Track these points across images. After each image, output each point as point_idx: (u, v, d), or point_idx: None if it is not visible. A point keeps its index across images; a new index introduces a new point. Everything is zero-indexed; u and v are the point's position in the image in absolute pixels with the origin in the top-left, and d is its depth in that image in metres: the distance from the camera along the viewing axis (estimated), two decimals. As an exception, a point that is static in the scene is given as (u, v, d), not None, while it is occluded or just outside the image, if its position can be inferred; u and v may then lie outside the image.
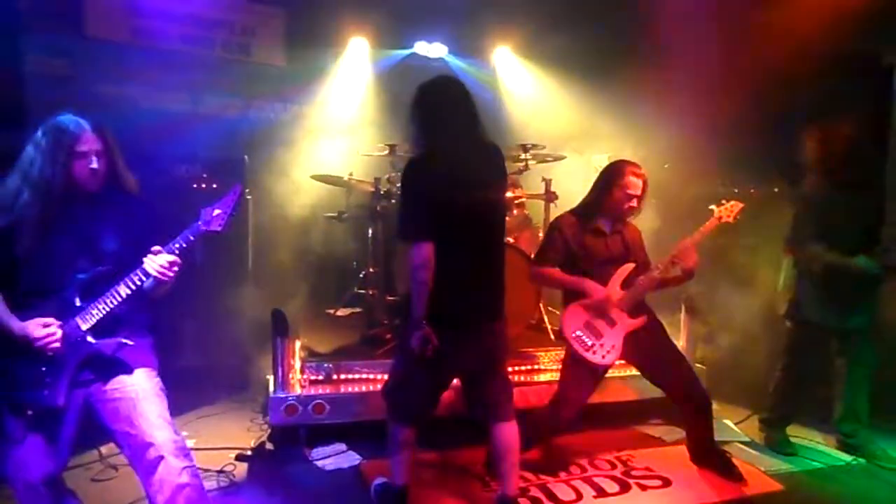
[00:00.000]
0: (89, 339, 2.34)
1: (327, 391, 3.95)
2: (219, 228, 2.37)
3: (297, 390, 3.92)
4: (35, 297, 2.35)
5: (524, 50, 7.10)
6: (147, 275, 2.32)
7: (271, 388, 3.92)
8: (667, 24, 5.43)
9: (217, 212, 2.38)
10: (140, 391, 2.42)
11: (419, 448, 3.14)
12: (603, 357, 3.33)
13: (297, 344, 4.28)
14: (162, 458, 2.34)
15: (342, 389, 4.00)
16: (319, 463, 3.73)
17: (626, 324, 3.35)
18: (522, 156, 5.25)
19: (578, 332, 3.35)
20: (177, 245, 2.35)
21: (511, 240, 4.90)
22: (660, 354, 3.51)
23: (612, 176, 3.43)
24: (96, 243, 2.41)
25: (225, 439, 3.99)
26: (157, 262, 2.31)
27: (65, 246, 2.36)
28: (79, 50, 5.52)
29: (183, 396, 4.53)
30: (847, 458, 3.89)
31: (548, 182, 5.37)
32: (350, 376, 4.12)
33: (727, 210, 3.40)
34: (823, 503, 3.44)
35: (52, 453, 2.39)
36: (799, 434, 4.14)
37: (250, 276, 5.64)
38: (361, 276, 5.40)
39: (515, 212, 5.17)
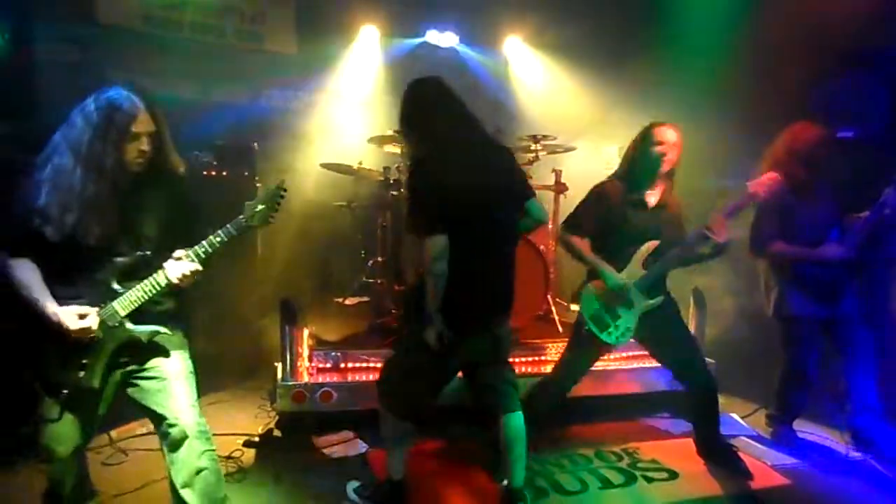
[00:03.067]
0: (127, 325, 2.36)
1: (335, 379, 3.97)
2: (258, 223, 2.36)
3: (305, 378, 3.94)
4: (75, 275, 2.34)
5: (535, 39, 7.06)
6: (169, 283, 2.33)
7: (279, 375, 3.93)
8: (680, 12, 5.39)
9: (260, 207, 2.37)
10: (172, 373, 2.46)
11: (423, 438, 3.15)
12: (617, 339, 3.32)
13: (306, 332, 4.30)
14: (186, 439, 2.39)
15: (350, 378, 4.01)
16: (326, 451, 3.75)
17: (644, 305, 3.30)
18: (533, 146, 5.22)
19: (596, 313, 3.32)
20: (203, 251, 2.34)
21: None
22: (671, 334, 3.46)
23: (642, 136, 3.34)
24: (138, 227, 2.39)
25: (233, 426, 4.02)
26: (179, 270, 2.32)
27: (106, 228, 2.32)
28: (90, 37, 5.54)
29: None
30: (854, 452, 3.86)
31: (558, 173, 5.35)
32: (358, 365, 4.14)
33: (762, 184, 3.19)
34: (830, 498, 3.42)
35: (83, 430, 2.47)
36: (806, 428, 4.12)
37: (259, 263, 5.66)
38: (370, 264, 5.41)
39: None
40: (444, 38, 6.84)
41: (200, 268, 2.35)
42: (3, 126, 3.73)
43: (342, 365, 4.12)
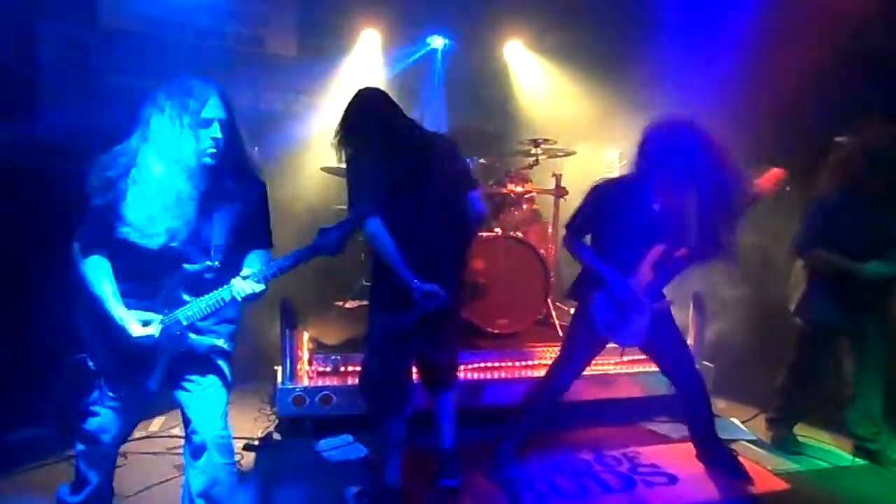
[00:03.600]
0: (190, 335, 2.36)
1: (335, 383, 3.97)
2: (334, 252, 2.36)
3: (305, 381, 3.94)
4: (145, 278, 2.31)
5: (535, 44, 7.07)
6: (233, 300, 2.33)
7: (279, 378, 3.94)
8: (680, 17, 5.40)
9: (336, 234, 2.36)
10: (207, 382, 2.47)
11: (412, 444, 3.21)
12: (626, 339, 3.32)
13: (306, 335, 4.31)
14: (206, 450, 2.40)
15: (350, 381, 4.00)
16: (326, 454, 3.75)
17: (654, 307, 3.28)
18: (533, 150, 5.24)
19: (606, 315, 3.27)
20: (271, 273, 2.33)
21: (520, 234, 4.90)
22: (669, 334, 3.45)
23: (644, 136, 3.24)
24: (207, 233, 2.35)
25: (233, 429, 3.98)
26: (244, 290, 2.30)
27: (181, 228, 2.26)
28: (92, 41, 5.54)
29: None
30: (855, 458, 3.86)
31: (558, 177, 5.36)
32: (358, 368, 4.10)
33: (767, 180, 3.18)
34: (829, 502, 3.42)
35: (125, 432, 2.54)
36: (807, 433, 4.12)
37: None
38: (370, 268, 5.40)
39: (525, 206, 5.17)
40: (444, 43, 6.85)
41: (265, 289, 2.34)
42: (6, 129, 3.74)
43: (342, 368, 4.12)
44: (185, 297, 2.34)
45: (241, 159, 2.40)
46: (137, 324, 2.26)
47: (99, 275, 2.27)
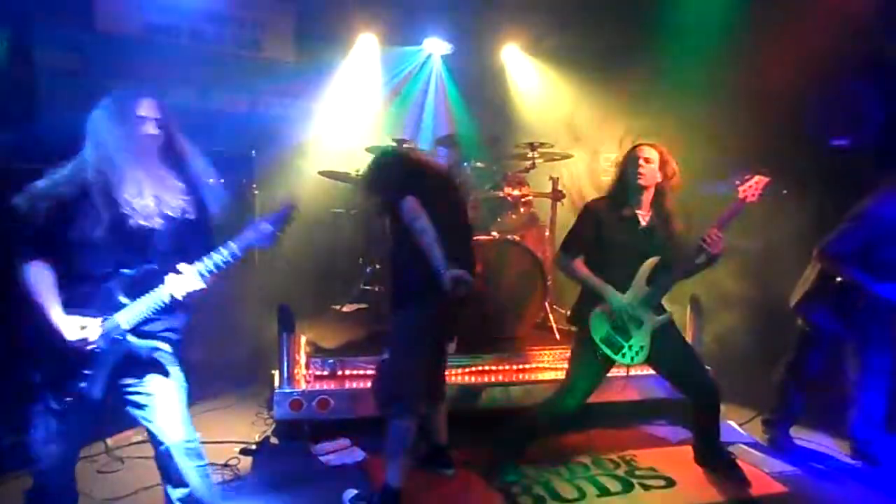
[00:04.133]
0: (130, 338, 2.36)
1: (332, 387, 3.97)
2: (267, 244, 2.37)
3: (302, 385, 3.93)
4: (85, 283, 2.33)
5: (532, 47, 7.09)
6: (172, 298, 2.33)
7: (276, 382, 3.93)
8: (677, 21, 5.42)
9: (266, 227, 2.36)
10: (162, 389, 2.45)
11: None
12: (632, 359, 3.29)
13: (303, 339, 4.30)
14: (172, 456, 2.40)
15: (347, 385, 4.00)
16: (323, 458, 3.74)
17: (654, 321, 3.29)
18: (530, 154, 5.24)
19: (607, 335, 3.28)
20: (209, 271, 2.33)
21: (517, 238, 4.90)
22: (670, 346, 3.42)
23: (625, 154, 3.40)
24: (148, 239, 2.38)
25: (229, 433, 4.01)
26: (180, 287, 2.31)
27: (117, 236, 2.31)
28: (89, 45, 5.55)
29: (188, 390, 4.58)
30: (853, 461, 3.86)
31: (555, 180, 5.36)
32: (355, 372, 4.13)
33: (751, 188, 3.16)
34: (827, 505, 3.43)
35: (78, 439, 2.52)
36: (804, 436, 4.12)
37: (257, 270, 5.66)
38: (368, 271, 5.41)
39: (522, 210, 5.17)
40: (441, 46, 6.87)
41: (202, 286, 2.34)
42: (2, 134, 3.74)
43: (339, 372, 4.11)
44: (124, 300, 2.35)
45: (178, 150, 2.48)
46: (75, 326, 2.28)
47: (38, 280, 2.31)
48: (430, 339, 3.19)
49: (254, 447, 3.81)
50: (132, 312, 2.34)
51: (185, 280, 2.31)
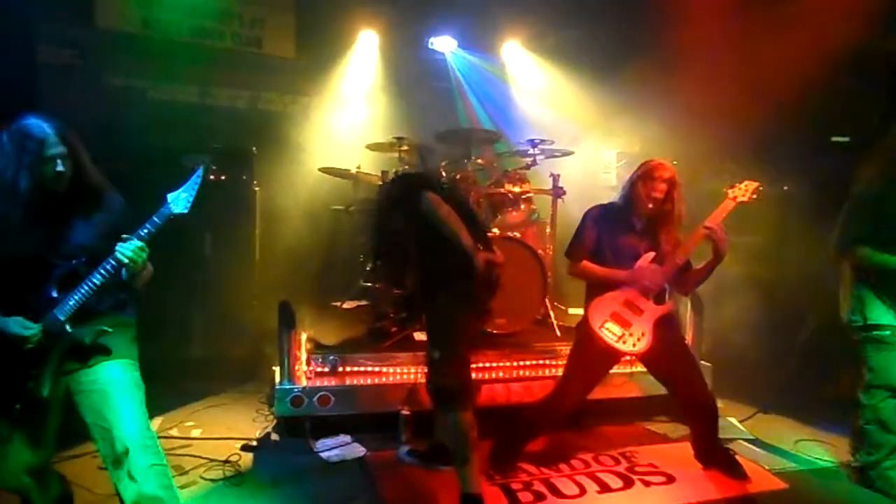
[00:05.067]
0: (67, 328, 2.37)
1: (333, 383, 3.97)
2: (184, 210, 2.41)
3: (303, 382, 3.93)
4: (14, 294, 2.37)
5: (534, 44, 7.08)
6: (119, 262, 2.34)
7: (277, 379, 3.94)
8: (678, 18, 5.40)
9: (183, 195, 2.42)
10: (115, 384, 2.43)
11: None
12: (634, 345, 3.29)
13: (304, 336, 4.30)
14: (130, 456, 2.33)
15: (348, 382, 4.01)
16: (324, 454, 3.74)
17: (654, 310, 3.32)
18: (531, 151, 5.24)
19: (607, 324, 3.31)
20: (145, 231, 2.37)
21: (518, 235, 4.90)
22: (672, 350, 3.44)
23: (638, 173, 3.41)
24: (69, 239, 2.44)
25: (230, 429, 4.02)
26: (128, 249, 2.32)
27: (39, 243, 2.39)
28: (88, 40, 5.54)
29: (190, 386, 4.60)
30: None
31: (556, 177, 5.36)
32: (356, 369, 4.13)
33: (741, 190, 3.32)
34: (827, 502, 3.43)
35: (37, 446, 2.44)
36: (805, 433, 4.13)
37: (257, 267, 5.66)
38: (368, 269, 5.41)
39: (523, 207, 5.16)
40: (442, 43, 6.85)
41: (147, 250, 2.36)
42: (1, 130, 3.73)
43: (340, 369, 4.12)
44: (57, 296, 2.38)
45: (87, 179, 2.50)
46: (17, 325, 2.31)
47: None
48: (466, 325, 3.17)
49: (255, 443, 3.82)
50: (67, 303, 2.36)
51: (129, 243, 2.32)
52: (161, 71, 5.79)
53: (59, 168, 2.38)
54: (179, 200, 2.42)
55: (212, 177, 5.40)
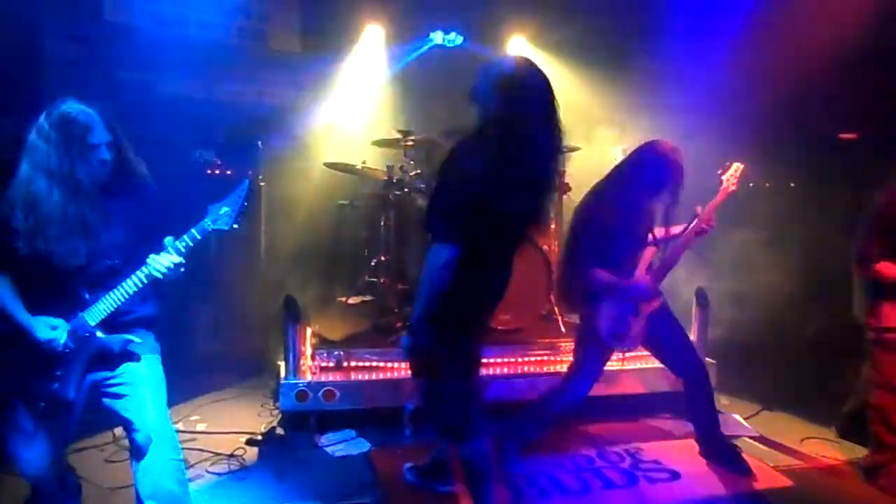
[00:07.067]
0: (98, 334, 2.36)
1: (338, 378, 3.98)
2: (226, 227, 2.36)
3: (308, 377, 3.94)
4: (48, 287, 2.34)
5: (539, 39, 7.04)
6: (151, 276, 2.32)
7: (282, 374, 3.95)
8: (686, 13, 5.39)
9: (225, 209, 2.36)
10: (140, 379, 2.44)
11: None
12: (629, 344, 3.40)
13: (309, 331, 4.32)
14: (151, 447, 2.37)
15: (352, 377, 4.02)
16: (329, 449, 3.75)
17: (648, 307, 3.37)
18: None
19: (614, 330, 3.34)
20: (183, 244, 2.33)
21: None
22: (660, 325, 3.47)
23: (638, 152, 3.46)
24: (105, 236, 2.37)
25: (236, 424, 4.03)
26: (163, 264, 2.30)
27: (78, 239, 2.32)
28: (96, 34, 5.54)
29: (195, 381, 4.61)
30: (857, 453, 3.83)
31: (561, 173, 5.35)
32: (360, 364, 4.14)
33: (732, 177, 3.44)
34: (832, 499, 3.42)
35: (59, 440, 2.47)
36: (810, 430, 4.12)
37: (263, 262, 5.67)
38: (373, 264, 5.41)
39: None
40: (448, 38, 6.83)
41: (183, 262, 2.34)
42: (10, 123, 3.74)
43: (345, 364, 4.13)
44: (88, 298, 2.35)
45: (130, 169, 2.45)
46: (45, 327, 2.29)
47: (1, 291, 2.32)
48: (479, 334, 2.82)
49: (260, 438, 3.83)
50: (98, 308, 2.34)
51: (165, 256, 2.31)
52: (167, 65, 5.78)
53: (105, 156, 2.33)
54: (222, 217, 2.35)
55: (216, 171, 5.41)
